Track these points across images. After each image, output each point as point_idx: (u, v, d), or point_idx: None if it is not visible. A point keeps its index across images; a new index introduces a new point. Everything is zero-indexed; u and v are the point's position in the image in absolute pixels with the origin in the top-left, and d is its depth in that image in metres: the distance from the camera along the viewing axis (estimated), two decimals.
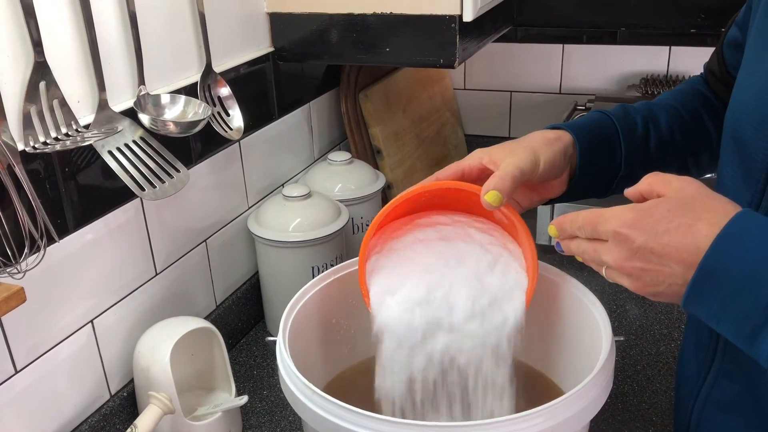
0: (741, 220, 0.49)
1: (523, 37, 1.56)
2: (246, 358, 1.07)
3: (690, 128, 0.78)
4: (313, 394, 0.61)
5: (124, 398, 0.89)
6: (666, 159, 0.77)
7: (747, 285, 0.48)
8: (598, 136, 0.73)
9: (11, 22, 0.68)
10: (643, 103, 0.79)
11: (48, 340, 0.78)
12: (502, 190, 0.65)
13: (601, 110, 0.77)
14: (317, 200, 1.06)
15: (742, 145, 0.61)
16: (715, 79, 0.78)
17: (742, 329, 0.49)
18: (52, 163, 0.75)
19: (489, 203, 0.65)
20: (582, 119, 0.76)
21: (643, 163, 0.74)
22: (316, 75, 1.27)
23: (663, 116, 0.76)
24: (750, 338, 0.48)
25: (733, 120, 0.63)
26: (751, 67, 0.63)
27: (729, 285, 0.48)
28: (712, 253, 0.49)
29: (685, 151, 0.78)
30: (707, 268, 0.49)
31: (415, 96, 1.50)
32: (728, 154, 0.64)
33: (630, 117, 0.75)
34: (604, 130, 0.74)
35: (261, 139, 1.12)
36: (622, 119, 0.75)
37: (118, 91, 0.82)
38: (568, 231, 0.59)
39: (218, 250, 1.05)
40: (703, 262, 0.49)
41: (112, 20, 0.80)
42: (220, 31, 0.99)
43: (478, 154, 0.70)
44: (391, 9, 1.03)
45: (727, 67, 0.75)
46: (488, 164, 0.69)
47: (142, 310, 0.91)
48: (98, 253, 0.83)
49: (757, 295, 0.47)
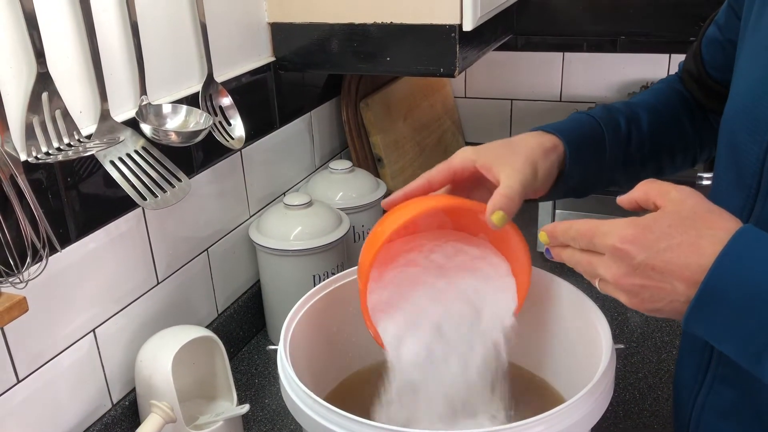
0: (743, 237, 0.49)
1: (523, 46, 1.57)
2: (247, 367, 1.07)
3: (669, 128, 0.77)
4: (314, 403, 0.61)
5: (125, 407, 0.89)
6: (643, 160, 0.77)
7: (751, 304, 0.47)
8: (588, 144, 0.73)
9: (14, 33, 0.69)
10: (623, 102, 0.78)
11: (50, 350, 0.78)
12: (509, 212, 0.63)
13: (587, 113, 0.75)
14: (318, 209, 1.06)
15: (737, 150, 0.61)
16: (691, 78, 0.78)
17: (746, 349, 0.48)
18: (55, 173, 0.75)
19: (495, 224, 0.63)
20: (572, 123, 0.74)
21: (623, 164, 0.75)
22: (317, 84, 1.28)
23: (644, 117, 0.76)
24: (755, 357, 0.48)
25: (728, 125, 0.63)
26: (743, 73, 0.63)
27: (733, 304, 0.48)
28: (715, 271, 0.48)
29: (662, 151, 0.78)
30: (710, 287, 0.48)
31: (416, 104, 1.50)
32: (723, 159, 0.64)
33: (614, 120, 0.75)
34: (593, 136, 0.73)
35: (262, 148, 1.12)
36: (609, 124, 0.74)
37: (120, 102, 0.83)
38: (560, 239, 0.58)
39: (220, 259, 1.06)
40: (706, 281, 0.48)
41: (113, 31, 0.81)
42: (222, 41, 0.99)
43: (470, 155, 0.68)
44: (391, 19, 1.04)
45: (705, 66, 0.75)
46: (481, 168, 0.67)
47: (144, 319, 0.91)
48: (100, 262, 0.83)
49: (762, 314, 0.47)
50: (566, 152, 0.70)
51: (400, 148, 1.41)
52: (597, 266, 0.54)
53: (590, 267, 0.55)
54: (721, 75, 0.74)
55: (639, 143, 0.75)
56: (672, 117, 0.78)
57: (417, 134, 1.48)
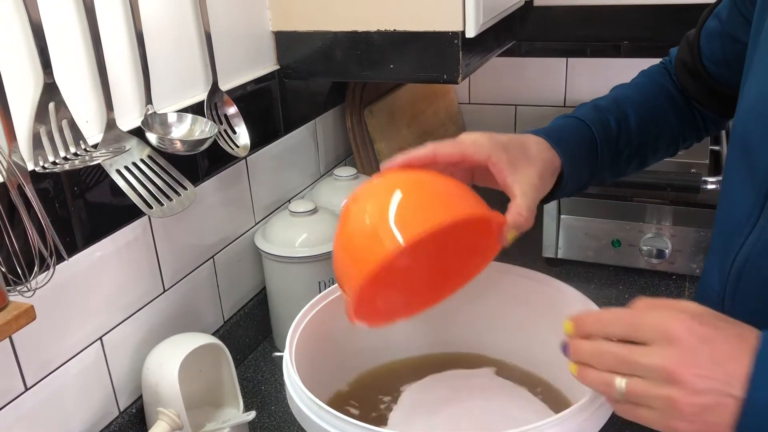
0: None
1: (526, 51, 1.57)
2: (254, 374, 1.08)
3: (656, 125, 0.78)
4: (320, 409, 0.61)
5: (132, 414, 0.89)
6: (629, 157, 0.77)
7: None
8: (583, 156, 0.73)
9: (21, 44, 0.70)
10: (610, 99, 0.78)
11: (57, 358, 0.79)
12: (522, 230, 0.63)
13: (580, 118, 0.75)
14: (323, 216, 1.06)
15: (749, 150, 0.61)
16: (684, 68, 0.78)
17: None
18: (61, 182, 0.76)
19: (508, 241, 0.63)
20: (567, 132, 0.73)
21: (610, 164, 0.75)
22: (321, 92, 1.28)
23: (632, 116, 0.76)
24: None
25: (740, 125, 0.63)
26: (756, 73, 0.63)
27: None
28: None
29: (648, 146, 0.78)
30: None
31: (420, 111, 1.50)
32: (735, 161, 0.64)
33: (606, 123, 0.75)
34: (590, 148, 0.73)
35: (267, 156, 1.13)
36: (601, 130, 0.74)
37: (125, 111, 0.84)
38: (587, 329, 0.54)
39: (225, 267, 1.06)
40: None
41: (119, 41, 0.82)
42: (226, 50, 1.00)
43: (485, 147, 0.66)
44: (394, 26, 1.04)
45: (702, 57, 0.75)
46: (492, 167, 0.65)
47: (151, 327, 0.92)
48: (107, 270, 0.84)
49: None
50: (563, 171, 0.70)
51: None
52: (639, 356, 0.50)
53: (628, 357, 0.50)
54: (716, 68, 0.75)
55: (627, 142, 0.76)
56: (659, 114, 0.78)
57: (421, 141, 1.47)
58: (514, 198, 0.64)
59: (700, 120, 0.81)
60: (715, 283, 0.68)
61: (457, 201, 0.61)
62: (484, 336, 0.84)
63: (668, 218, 1.21)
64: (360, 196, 0.63)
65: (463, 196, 0.62)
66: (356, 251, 0.59)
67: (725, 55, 0.73)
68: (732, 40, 0.70)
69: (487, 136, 0.67)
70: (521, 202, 0.63)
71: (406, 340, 0.85)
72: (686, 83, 0.78)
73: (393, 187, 0.61)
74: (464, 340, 0.85)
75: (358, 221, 0.61)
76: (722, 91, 0.76)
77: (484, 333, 0.84)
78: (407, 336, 0.85)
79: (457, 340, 0.85)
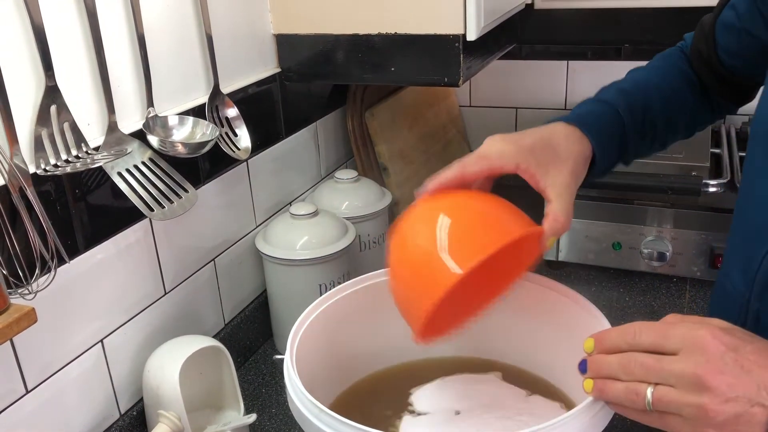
0: None
1: (527, 54, 1.57)
2: (254, 377, 1.07)
3: (677, 109, 0.78)
4: (321, 412, 0.61)
5: (133, 417, 0.89)
6: (653, 139, 0.77)
7: None
8: (613, 139, 0.72)
9: (23, 47, 0.70)
10: (633, 83, 0.77)
11: (58, 360, 0.79)
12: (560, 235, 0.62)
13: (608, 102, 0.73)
14: (324, 218, 1.07)
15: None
16: (700, 58, 0.78)
17: None
18: (63, 185, 0.76)
19: (547, 248, 0.62)
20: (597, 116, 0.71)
21: (635, 147, 0.75)
22: (322, 94, 1.28)
23: (656, 99, 0.76)
24: None
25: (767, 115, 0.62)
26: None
27: None
28: None
29: (669, 131, 0.78)
30: None
31: (421, 113, 1.51)
32: (760, 160, 0.63)
33: (633, 107, 0.74)
34: (620, 136, 0.72)
35: (268, 159, 1.13)
36: (628, 113, 0.73)
37: (127, 114, 0.84)
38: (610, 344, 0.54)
39: (226, 269, 1.06)
40: None
41: (121, 43, 0.82)
42: (228, 53, 1.00)
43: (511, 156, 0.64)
44: (395, 29, 1.04)
45: (717, 49, 0.75)
46: (523, 173, 0.64)
47: (152, 330, 0.92)
48: (108, 273, 0.84)
49: None
50: (595, 156, 0.69)
51: (406, 157, 1.42)
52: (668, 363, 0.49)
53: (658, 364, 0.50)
54: (731, 60, 0.75)
55: (652, 125, 0.75)
56: (680, 97, 0.78)
57: (422, 143, 1.49)
58: (549, 202, 0.63)
59: (715, 104, 0.82)
60: (738, 283, 0.66)
61: (506, 221, 0.63)
62: (491, 340, 0.84)
63: (669, 221, 1.21)
64: (409, 225, 0.65)
65: (510, 214, 0.64)
66: (420, 281, 0.62)
67: (740, 49, 0.73)
68: (748, 35, 0.71)
69: (512, 143, 0.65)
70: (557, 207, 0.62)
71: (406, 344, 0.85)
72: (701, 72, 0.79)
73: (441, 214, 0.63)
74: (469, 344, 0.85)
75: (417, 251, 0.63)
76: (737, 81, 0.77)
77: (490, 337, 0.84)
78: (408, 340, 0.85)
79: (462, 345, 0.85)
